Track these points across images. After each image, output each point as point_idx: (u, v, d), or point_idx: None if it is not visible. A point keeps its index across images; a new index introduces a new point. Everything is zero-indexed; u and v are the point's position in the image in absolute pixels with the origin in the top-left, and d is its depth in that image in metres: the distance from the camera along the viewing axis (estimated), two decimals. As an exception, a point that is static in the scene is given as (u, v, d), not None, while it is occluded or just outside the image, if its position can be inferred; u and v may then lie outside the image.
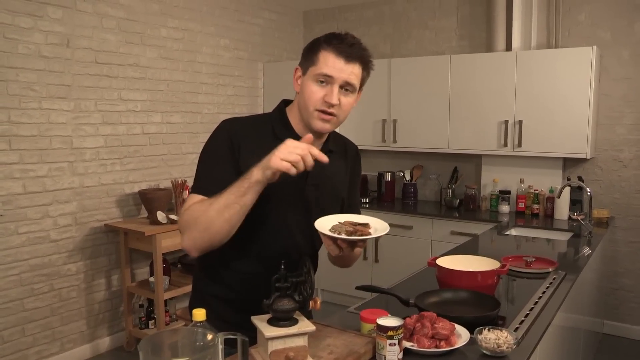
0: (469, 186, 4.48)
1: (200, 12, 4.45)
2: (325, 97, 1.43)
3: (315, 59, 1.45)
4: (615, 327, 4.19)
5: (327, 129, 1.49)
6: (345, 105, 1.47)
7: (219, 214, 1.33)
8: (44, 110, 3.43)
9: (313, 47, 1.47)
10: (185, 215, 1.40)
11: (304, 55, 1.50)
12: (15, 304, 3.34)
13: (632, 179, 4.08)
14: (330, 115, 1.46)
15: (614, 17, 4.05)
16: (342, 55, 1.42)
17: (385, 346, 1.37)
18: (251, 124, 1.54)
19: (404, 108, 4.61)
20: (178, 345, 1.08)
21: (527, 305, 1.94)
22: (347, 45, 1.43)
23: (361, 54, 1.46)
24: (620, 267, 4.16)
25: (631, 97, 4.04)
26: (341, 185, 1.65)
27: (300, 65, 1.51)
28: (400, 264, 4.30)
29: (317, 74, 1.44)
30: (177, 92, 4.29)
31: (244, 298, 1.52)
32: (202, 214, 1.36)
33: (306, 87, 1.46)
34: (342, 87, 1.45)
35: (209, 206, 1.35)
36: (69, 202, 3.60)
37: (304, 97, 1.47)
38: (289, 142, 1.29)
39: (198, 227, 1.37)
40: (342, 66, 1.42)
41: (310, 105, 1.45)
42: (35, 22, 3.34)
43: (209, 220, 1.35)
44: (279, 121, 1.55)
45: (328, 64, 1.42)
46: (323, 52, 1.44)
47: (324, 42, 1.45)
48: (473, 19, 4.67)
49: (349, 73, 1.44)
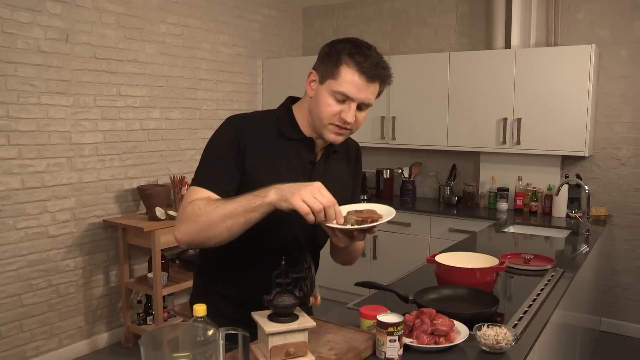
0: (468, 183, 4.49)
1: (200, 8, 4.44)
2: (342, 113, 1.39)
3: (336, 72, 1.38)
4: (612, 324, 4.21)
5: (340, 141, 1.47)
6: (360, 120, 1.44)
7: (221, 221, 1.30)
8: (43, 105, 3.42)
9: (333, 56, 1.40)
10: (189, 208, 1.36)
11: (322, 60, 1.43)
12: (13, 300, 3.34)
13: (630, 177, 4.09)
14: (344, 129, 1.43)
15: (613, 15, 4.05)
16: (364, 74, 1.36)
17: (386, 342, 1.37)
18: (257, 122, 1.50)
19: (403, 105, 4.61)
20: (179, 340, 1.08)
21: (525, 302, 1.95)
22: (372, 65, 1.37)
23: (384, 73, 1.40)
24: (617, 265, 4.18)
25: (630, 95, 4.05)
26: (345, 184, 1.64)
27: (316, 69, 1.45)
28: (399, 261, 4.31)
29: (336, 91, 1.38)
30: (176, 88, 4.28)
31: (244, 294, 1.51)
32: (205, 214, 1.32)
33: (322, 99, 1.41)
34: (358, 106, 1.41)
35: (214, 209, 1.31)
36: (68, 198, 3.59)
37: (318, 107, 1.42)
38: (317, 185, 1.23)
39: (197, 225, 1.33)
40: (362, 86, 1.37)
41: (325, 118, 1.41)
42: (35, 16, 3.33)
43: (210, 223, 1.31)
44: (286, 120, 1.52)
45: (349, 84, 1.37)
46: (345, 68, 1.37)
47: (348, 56, 1.37)
48: (472, 17, 4.67)
49: (369, 92, 1.39)
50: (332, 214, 1.23)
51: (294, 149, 1.50)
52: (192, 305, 1.28)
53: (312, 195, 1.20)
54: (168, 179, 4.15)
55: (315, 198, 1.20)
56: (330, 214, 1.23)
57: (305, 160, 1.52)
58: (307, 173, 1.51)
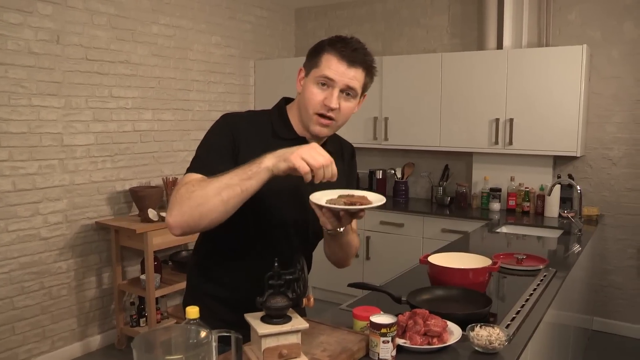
0: (460, 184, 4.50)
1: (192, 9, 4.43)
2: (325, 100, 1.42)
3: (318, 61, 1.44)
4: (604, 323, 4.23)
5: (325, 133, 1.49)
6: (345, 110, 1.46)
7: (217, 192, 1.26)
8: (34, 107, 3.40)
9: (317, 49, 1.46)
10: (182, 189, 1.32)
11: (308, 57, 1.49)
12: (5, 303, 3.31)
13: (621, 177, 4.11)
14: (329, 119, 1.45)
15: (604, 16, 4.08)
16: (344, 59, 1.41)
17: (379, 343, 1.37)
18: (252, 121, 1.52)
19: (395, 106, 4.61)
20: (172, 342, 1.08)
21: (518, 303, 1.95)
22: (351, 50, 1.42)
23: (364, 58, 1.44)
24: (609, 265, 4.20)
25: (621, 95, 4.08)
26: (339, 186, 1.64)
27: (304, 66, 1.50)
28: (392, 261, 4.32)
29: (319, 76, 1.43)
30: (168, 90, 4.27)
31: (237, 295, 1.52)
32: (199, 188, 1.29)
33: (307, 89, 1.45)
34: (342, 91, 1.44)
35: (209, 183, 1.28)
36: (60, 200, 3.57)
37: (304, 98, 1.46)
38: (315, 145, 1.25)
39: (191, 202, 1.28)
40: (344, 70, 1.41)
41: (310, 108, 1.44)
42: (25, 17, 3.31)
43: (204, 196, 1.27)
44: (279, 120, 1.53)
45: (330, 67, 1.41)
46: (326, 55, 1.43)
47: (328, 45, 1.44)
48: (464, 17, 4.68)
49: (351, 77, 1.42)
50: (329, 172, 1.25)
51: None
52: (185, 307, 1.28)
53: (310, 154, 1.22)
54: (160, 181, 4.14)
55: (313, 157, 1.22)
56: (327, 172, 1.25)
57: None
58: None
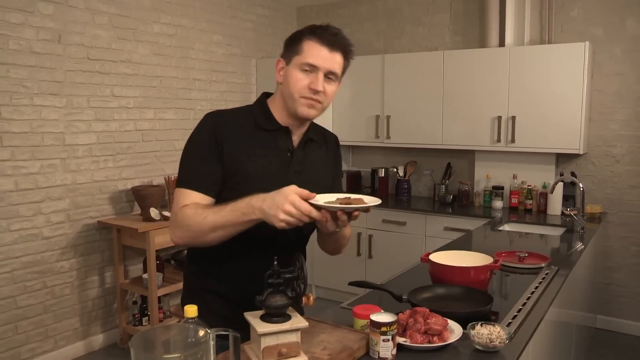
0: (462, 182, 4.49)
1: (193, 8, 4.43)
2: (311, 84, 1.47)
3: (300, 48, 1.49)
4: (608, 321, 4.22)
5: (313, 115, 1.53)
6: (329, 93, 1.52)
7: (211, 231, 1.40)
8: (36, 106, 3.40)
9: (296, 38, 1.52)
10: (179, 215, 1.45)
11: (287, 46, 1.54)
12: (7, 302, 3.32)
13: (624, 175, 4.10)
14: (315, 101, 1.50)
15: (607, 13, 4.06)
16: (325, 44, 1.47)
17: (379, 342, 1.37)
18: (233, 116, 1.58)
19: (397, 104, 4.61)
20: (170, 341, 1.08)
21: (519, 301, 1.95)
22: (330, 35, 1.48)
23: (343, 43, 1.51)
24: (612, 262, 4.18)
25: (623, 93, 4.06)
26: (324, 171, 1.69)
27: (283, 57, 1.55)
28: (394, 259, 4.31)
29: (302, 63, 1.47)
30: (169, 89, 4.27)
31: (234, 290, 1.54)
32: (195, 224, 1.41)
33: (291, 76, 1.49)
34: (325, 75, 1.49)
35: (203, 220, 1.40)
36: (62, 199, 3.58)
37: (288, 85, 1.50)
38: (293, 199, 1.27)
39: (189, 233, 1.44)
40: (326, 55, 1.47)
41: (295, 93, 1.49)
42: (26, 17, 3.31)
43: (201, 232, 1.41)
44: (261, 112, 1.58)
45: (313, 53, 1.47)
46: (307, 42, 1.48)
47: (308, 32, 1.50)
48: (466, 15, 4.67)
49: (333, 62, 1.49)
50: (307, 220, 1.30)
51: (271, 138, 1.55)
52: (184, 305, 1.29)
53: (288, 214, 1.27)
54: (162, 180, 4.14)
55: (292, 216, 1.27)
56: (305, 220, 1.29)
57: (283, 148, 1.56)
58: (286, 161, 1.56)
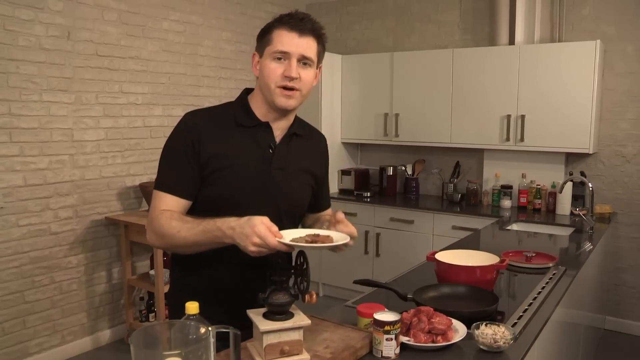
0: (471, 181, 4.46)
1: (202, 5, 4.43)
2: (285, 72, 1.46)
3: (270, 39, 1.48)
4: (617, 323, 4.18)
5: (292, 105, 1.50)
6: (306, 79, 1.50)
7: (185, 245, 1.42)
8: (45, 102, 3.42)
9: (265, 30, 1.52)
10: (155, 222, 1.45)
11: (259, 40, 1.54)
12: (15, 296, 3.34)
13: (635, 175, 4.05)
14: (292, 90, 1.48)
15: (619, 11, 4.01)
16: (294, 29, 1.46)
17: (382, 341, 1.36)
18: (212, 114, 1.56)
19: (406, 102, 4.59)
20: (170, 338, 1.07)
21: (526, 301, 1.93)
22: (298, 20, 1.48)
23: (312, 26, 1.50)
24: (622, 263, 4.14)
25: (635, 92, 4.01)
26: (309, 166, 1.65)
27: (257, 50, 1.55)
28: (402, 258, 4.30)
29: (274, 52, 1.47)
30: (178, 85, 4.27)
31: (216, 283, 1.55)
32: (168, 236, 1.42)
33: (265, 67, 1.49)
34: (299, 61, 1.47)
35: (177, 233, 1.40)
36: (70, 195, 3.60)
37: (263, 76, 1.49)
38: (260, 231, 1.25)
39: (163, 242, 1.47)
40: (296, 40, 1.46)
41: (271, 83, 1.47)
42: (36, 14, 3.33)
43: (174, 244, 1.45)
44: (240, 108, 1.56)
45: (283, 41, 1.46)
46: (276, 31, 1.48)
47: (276, 22, 1.50)
48: (476, 13, 4.63)
49: (305, 47, 1.47)
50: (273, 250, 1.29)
51: (251, 135, 1.53)
52: (169, 304, 1.29)
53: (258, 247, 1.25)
54: (170, 176, 4.15)
55: (261, 249, 1.26)
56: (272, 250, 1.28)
57: (264, 145, 1.54)
58: (267, 157, 1.54)
